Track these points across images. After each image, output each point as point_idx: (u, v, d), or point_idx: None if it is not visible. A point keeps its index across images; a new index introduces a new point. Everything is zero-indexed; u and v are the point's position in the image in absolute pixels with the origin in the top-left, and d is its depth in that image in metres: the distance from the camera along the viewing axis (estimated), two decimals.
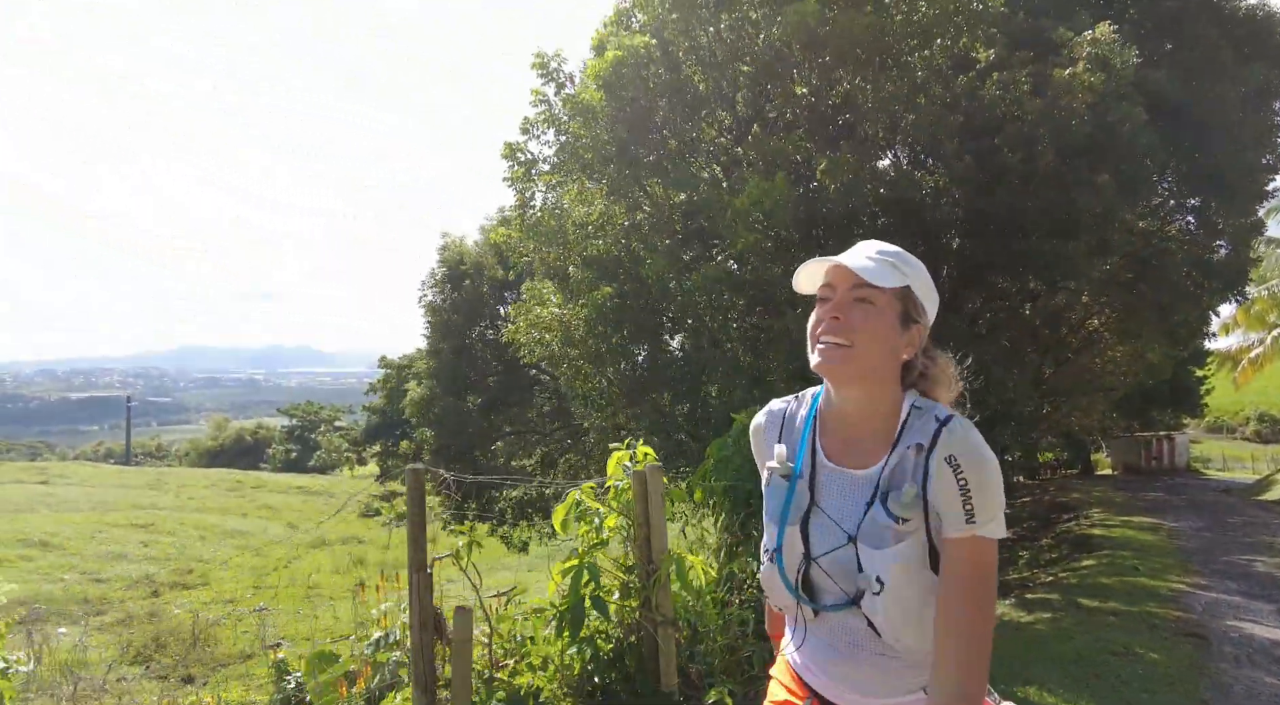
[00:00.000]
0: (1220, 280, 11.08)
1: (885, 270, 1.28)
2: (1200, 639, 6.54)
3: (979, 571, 1.25)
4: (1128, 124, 6.43)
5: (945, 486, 1.26)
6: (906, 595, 1.27)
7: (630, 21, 6.96)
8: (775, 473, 1.41)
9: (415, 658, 2.75)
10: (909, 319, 1.33)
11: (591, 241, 7.61)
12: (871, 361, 1.29)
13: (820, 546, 1.34)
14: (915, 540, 1.27)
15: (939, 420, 1.30)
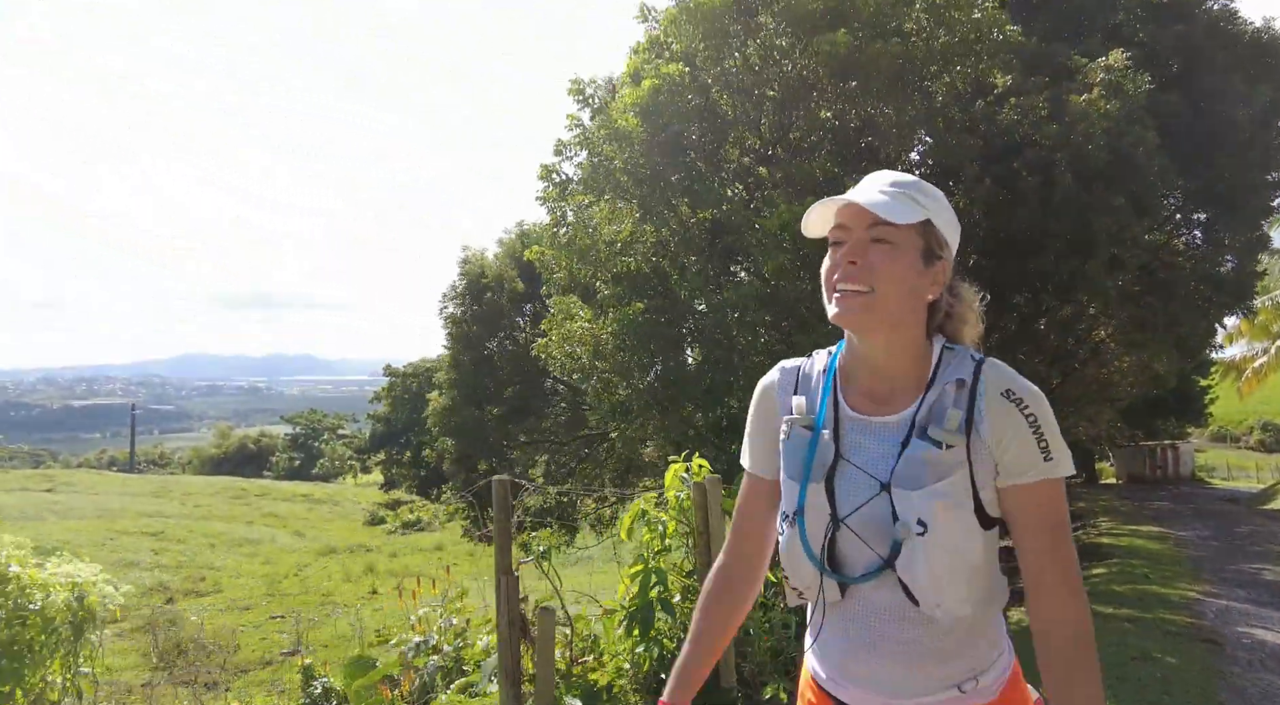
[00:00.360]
0: (1227, 294, 11.34)
1: (902, 204, 1.16)
2: (1214, 644, 6.77)
3: (1064, 513, 1.17)
4: (1141, 148, 6.72)
5: (1012, 425, 1.15)
6: (952, 539, 1.14)
7: (662, 49, 7.26)
8: (795, 424, 1.27)
9: (503, 653, 3.00)
10: (932, 255, 1.21)
11: (620, 258, 7.88)
12: (895, 306, 1.18)
13: (848, 503, 1.21)
14: (959, 477, 1.15)
15: (974, 358, 1.21)
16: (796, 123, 7.13)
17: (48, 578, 3.10)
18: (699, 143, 7.04)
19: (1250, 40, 9.89)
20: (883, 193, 1.18)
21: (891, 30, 6.53)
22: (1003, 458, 1.16)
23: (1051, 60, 8.05)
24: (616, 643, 3.41)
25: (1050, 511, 1.16)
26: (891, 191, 1.19)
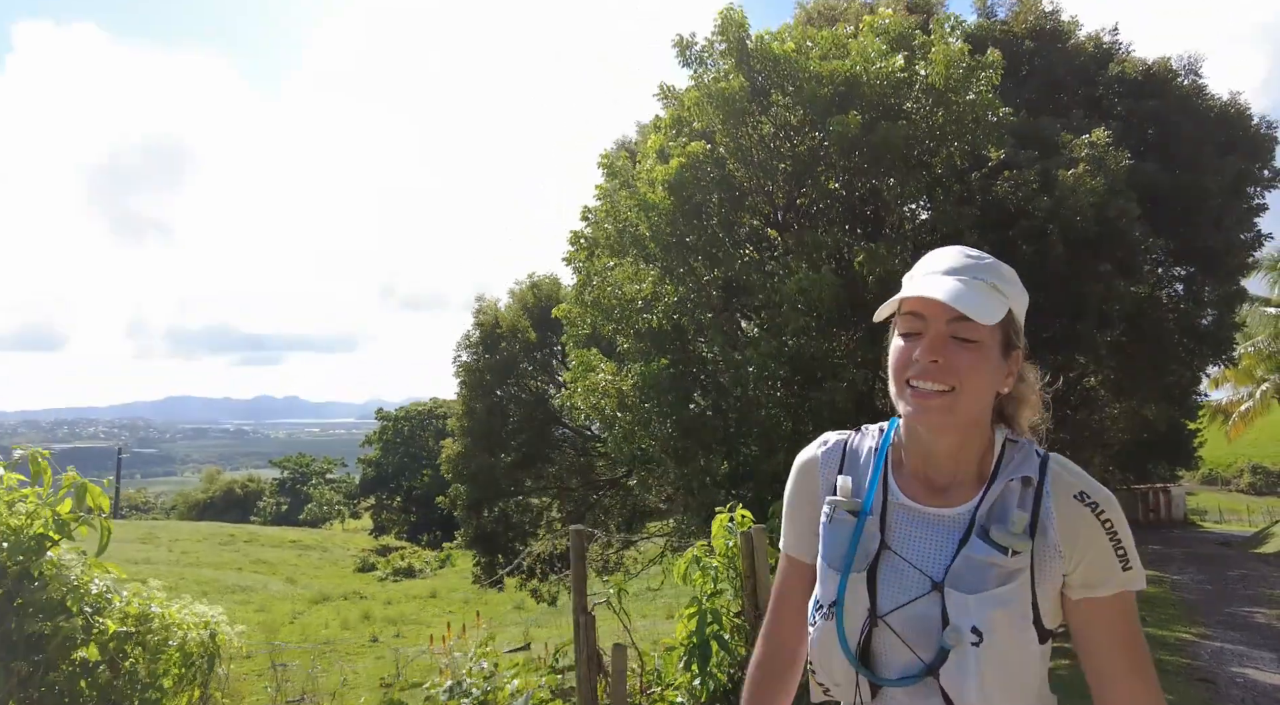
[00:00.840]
0: (1208, 346, 11.97)
1: (986, 299, 1.09)
2: (1210, 683, 7.16)
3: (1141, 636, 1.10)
4: (1124, 219, 7.36)
5: (1087, 532, 1.08)
6: (1009, 652, 1.05)
7: (684, 126, 7.90)
8: (839, 507, 1.20)
9: (581, 686, 3.39)
10: (1010, 346, 1.15)
11: (642, 316, 8.40)
12: (976, 408, 1.11)
13: (891, 599, 1.13)
14: (1020, 583, 1.06)
15: (1039, 454, 1.15)
16: (806, 192, 7.74)
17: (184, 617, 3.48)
18: (717, 209, 7.62)
19: (1218, 114, 10.71)
20: (963, 283, 1.09)
21: (896, 112, 7.19)
22: (1076, 568, 1.08)
23: (1040, 134, 8.76)
24: (677, 676, 3.80)
25: (1127, 625, 1.08)
26: (972, 283, 1.10)
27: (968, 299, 1.07)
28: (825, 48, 7.57)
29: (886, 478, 1.20)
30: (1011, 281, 1.15)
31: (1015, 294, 1.15)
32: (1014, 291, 1.14)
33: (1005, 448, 1.16)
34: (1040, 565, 1.07)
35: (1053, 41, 10.75)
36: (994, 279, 1.12)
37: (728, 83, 7.15)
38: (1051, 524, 1.08)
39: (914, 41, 7.83)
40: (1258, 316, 32.04)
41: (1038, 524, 1.08)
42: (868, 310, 6.97)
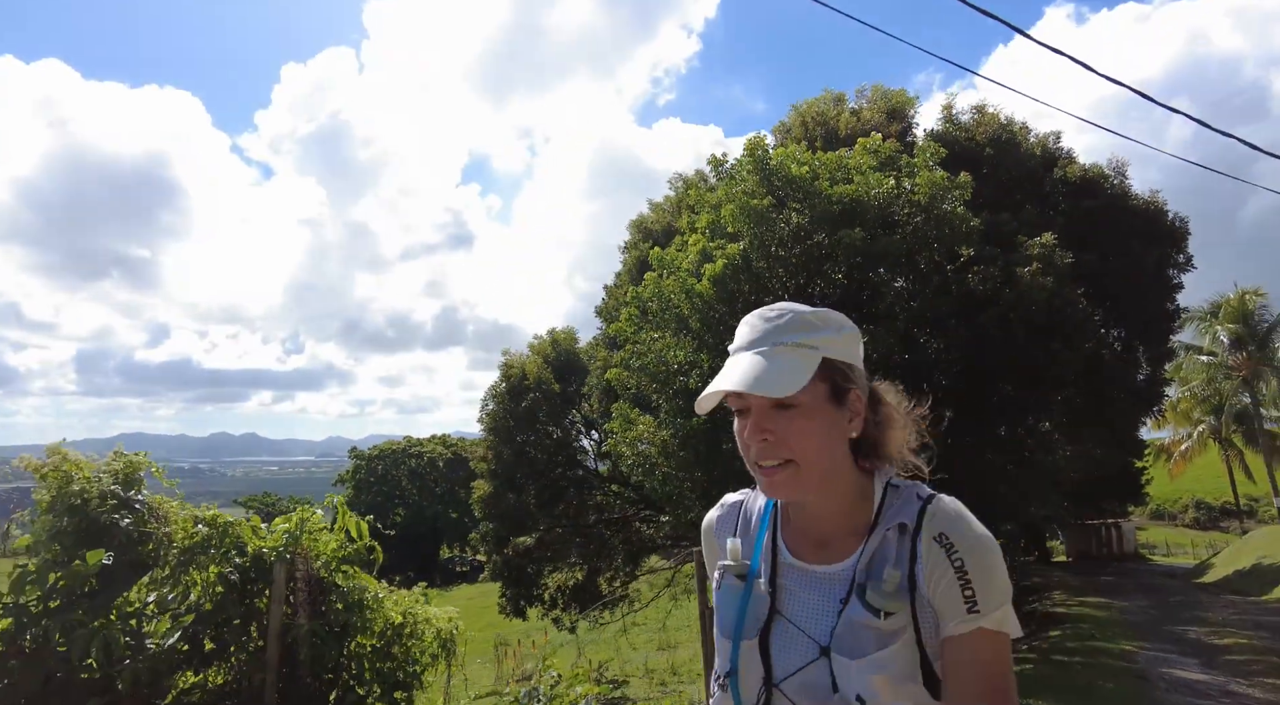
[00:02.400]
0: (1141, 400, 14.09)
1: (789, 364, 1.07)
2: (1143, 679, 8.97)
3: (993, 675, 1.00)
4: (1069, 307, 9.37)
5: (938, 571, 1.03)
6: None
7: (721, 230, 9.78)
8: (728, 572, 1.17)
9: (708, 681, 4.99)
10: (840, 391, 1.12)
11: (678, 378, 10.14)
12: (821, 470, 1.09)
13: (784, 666, 1.08)
14: (902, 645, 1.02)
15: (921, 497, 1.10)
16: (816, 283, 9.62)
17: (434, 614, 4.99)
18: (745, 295, 9.42)
19: (1140, 210, 12.98)
20: (762, 355, 1.09)
21: (890, 223, 9.15)
22: (936, 605, 1.04)
23: (1001, 231, 10.82)
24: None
25: (979, 668, 1.00)
26: (770, 352, 1.09)
27: (763, 377, 1.05)
28: (832, 169, 9.54)
29: (775, 536, 1.16)
30: (822, 327, 1.12)
31: (828, 340, 1.11)
32: (826, 338, 1.11)
33: (887, 494, 1.12)
34: (924, 620, 1.03)
35: (1008, 148, 12.97)
36: (796, 337, 1.09)
37: (759, 201, 9.06)
38: (923, 569, 1.04)
39: (900, 162, 9.85)
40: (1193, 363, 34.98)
41: (914, 576, 1.04)
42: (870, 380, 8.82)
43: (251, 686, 4.61)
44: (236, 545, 4.76)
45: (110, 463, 4.74)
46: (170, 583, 4.68)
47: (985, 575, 1.02)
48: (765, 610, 1.12)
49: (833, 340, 1.12)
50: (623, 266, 15.95)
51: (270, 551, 4.74)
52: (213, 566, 4.68)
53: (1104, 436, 14.54)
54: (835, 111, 13.88)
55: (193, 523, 4.75)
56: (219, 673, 4.66)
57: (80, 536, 4.53)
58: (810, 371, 1.07)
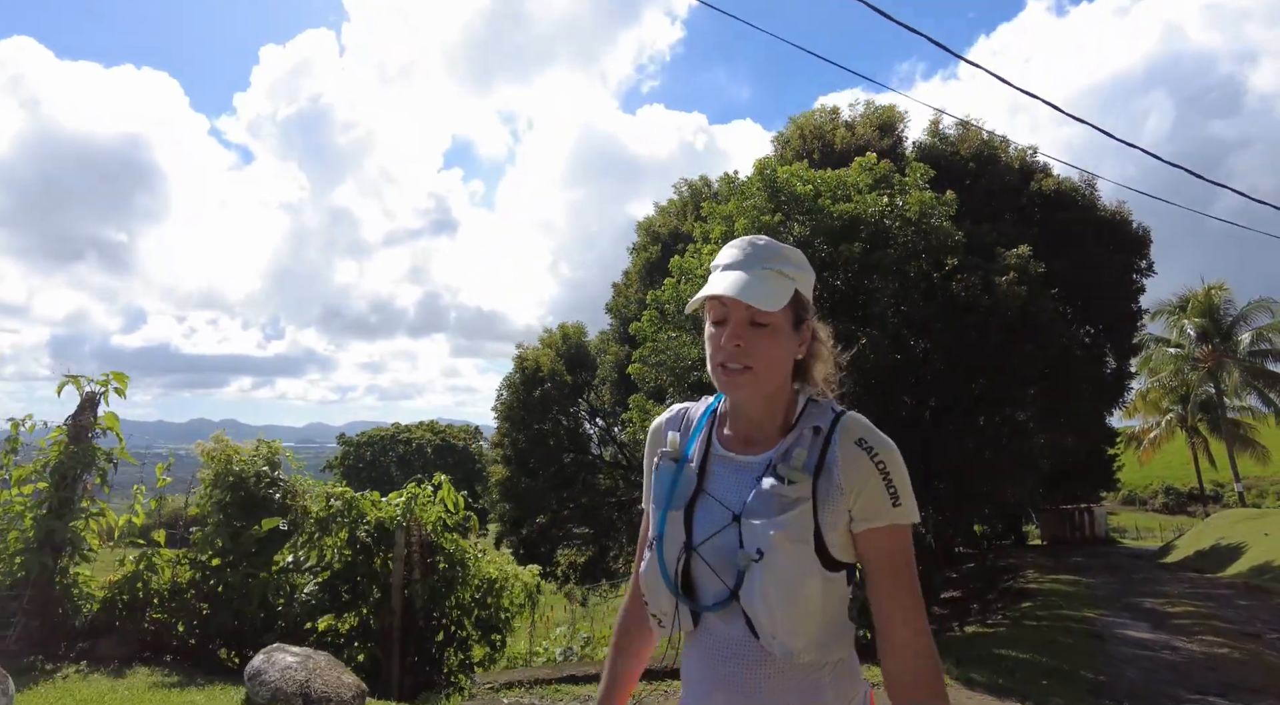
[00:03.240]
0: (1108, 393, 15.41)
1: (775, 287, 1.25)
2: (1098, 637, 10.31)
3: (909, 557, 1.22)
4: (1041, 313, 10.61)
5: (862, 471, 1.20)
6: (786, 569, 1.16)
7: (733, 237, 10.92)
8: (665, 456, 1.36)
9: None
10: (800, 320, 1.31)
11: (693, 373, 11.28)
12: (775, 380, 1.27)
13: (703, 532, 1.25)
14: (800, 512, 1.18)
15: (834, 410, 1.28)
16: (816, 288, 10.81)
17: (519, 572, 6.12)
18: None
19: (1105, 220, 14.25)
20: (755, 275, 1.25)
21: (884, 236, 10.32)
22: (855, 503, 1.20)
23: (982, 241, 12.03)
24: None
25: (899, 556, 1.21)
26: (762, 273, 1.26)
27: (755, 291, 1.22)
28: (832, 187, 10.68)
29: (710, 435, 1.35)
30: (798, 264, 1.30)
31: (801, 275, 1.29)
32: (799, 273, 1.29)
33: (807, 406, 1.31)
34: (824, 499, 1.19)
35: (990, 163, 14.16)
36: (780, 265, 1.27)
37: (769, 218, 10.20)
38: (836, 465, 1.20)
39: (893, 180, 11.01)
40: (1162, 355, 36.55)
41: (823, 465, 1.21)
42: (871, 378, 9.98)
43: (377, 629, 5.73)
44: (361, 516, 5.86)
45: (257, 448, 5.82)
46: (308, 546, 5.77)
47: (902, 476, 1.20)
48: (692, 487, 1.28)
49: (802, 275, 1.29)
50: (632, 267, 17.01)
51: (390, 520, 5.84)
52: (342, 532, 5.77)
53: (1074, 426, 15.83)
54: (831, 126, 15.01)
55: (325, 498, 5.85)
56: (350, 618, 5.77)
57: (240, 507, 5.62)
58: (788, 297, 1.25)
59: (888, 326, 9.94)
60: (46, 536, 5.16)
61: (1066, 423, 15.71)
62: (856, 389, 10.02)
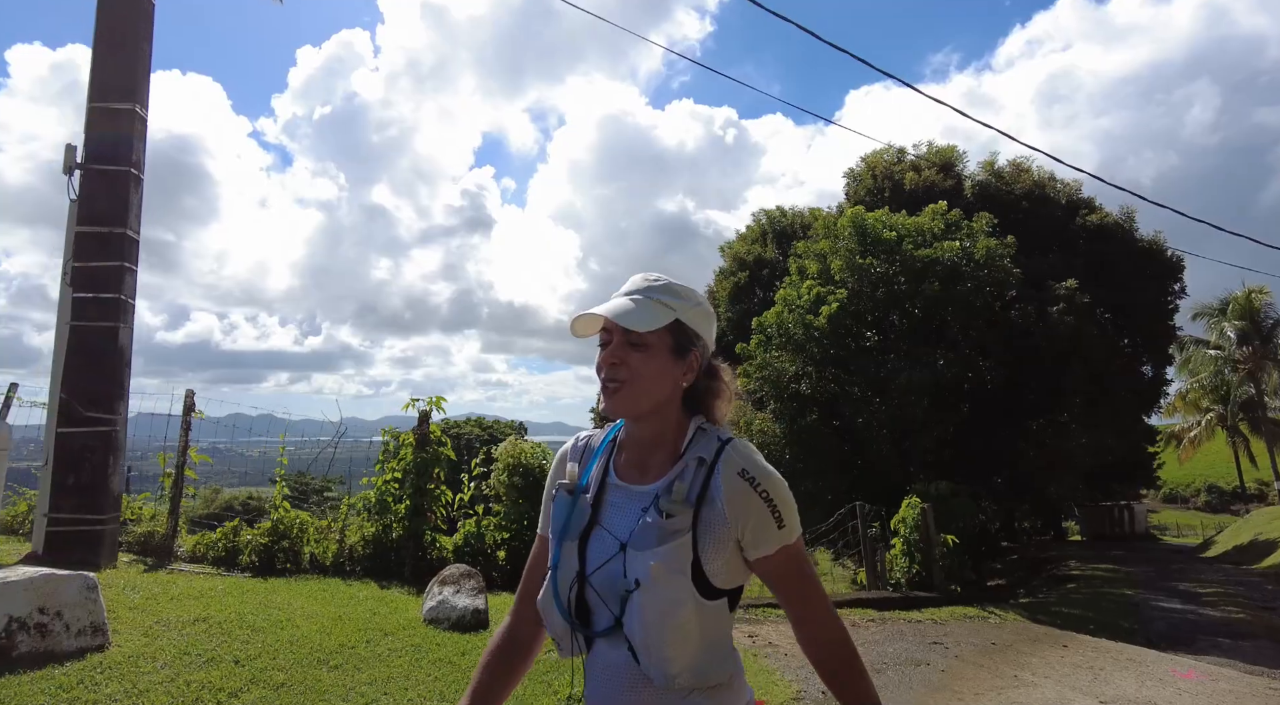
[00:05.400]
0: (1144, 399, 17.45)
1: (648, 312, 1.30)
2: (1134, 606, 12.51)
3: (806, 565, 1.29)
4: (1088, 338, 12.87)
5: (747, 503, 1.24)
6: (662, 598, 1.21)
7: (830, 278, 13.30)
8: (562, 487, 1.41)
9: (926, 553, 8.55)
10: (683, 349, 1.34)
11: (791, 386, 13.70)
12: (650, 398, 1.31)
13: (594, 562, 1.30)
14: (679, 544, 1.23)
15: (721, 440, 1.31)
16: (897, 317, 13.15)
17: None
18: (848, 325, 12.93)
19: (1142, 250, 16.34)
20: (633, 300, 1.32)
21: (957, 274, 12.65)
22: (744, 533, 1.24)
23: (1035, 271, 14.25)
24: (898, 561, 9.02)
25: (795, 569, 1.27)
26: (640, 300, 1.33)
27: (627, 313, 1.29)
28: (913, 233, 13.00)
29: (608, 464, 1.40)
30: (686, 298, 1.36)
31: (687, 308, 1.35)
32: (685, 306, 1.35)
33: (696, 435, 1.34)
34: (705, 529, 1.23)
35: (1040, 202, 16.31)
36: (662, 297, 1.33)
37: (863, 260, 12.59)
38: (719, 496, 1.24)
39: (962, 226, 13.30)
40: (1201, 357, 37.69)
41: (705, 495, 1.25)
42: (947, 390, 12.32)
43: None
44: None
45: (535, 446, 8.36)
46: None
47: (783, 498, 1.25)
48: (586, 519, 1.34)
49: (689, 309, 1.35)
50: (718, 288, 19.40)
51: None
52: None
53: (1113, 426, 17.84)
54: (899, 167, 17.26)
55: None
56: None
57: (525, 490, 8.14)
58: (662, 322, 1.30)
59: (959, 350, 12.22)
60: (415, 510, 7.73)
61: (1106, 424, 17.73)
62: (931, 404, 12.33)
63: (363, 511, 8.13)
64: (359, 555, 7.80)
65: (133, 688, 3.94)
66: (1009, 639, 7.39)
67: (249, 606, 5.62)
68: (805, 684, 5.31)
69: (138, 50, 6.81)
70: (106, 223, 6.53)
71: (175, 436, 8.54)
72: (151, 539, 7.61)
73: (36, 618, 4.34)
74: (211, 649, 4.59)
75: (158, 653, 4.44)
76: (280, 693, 4.10)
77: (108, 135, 6.63)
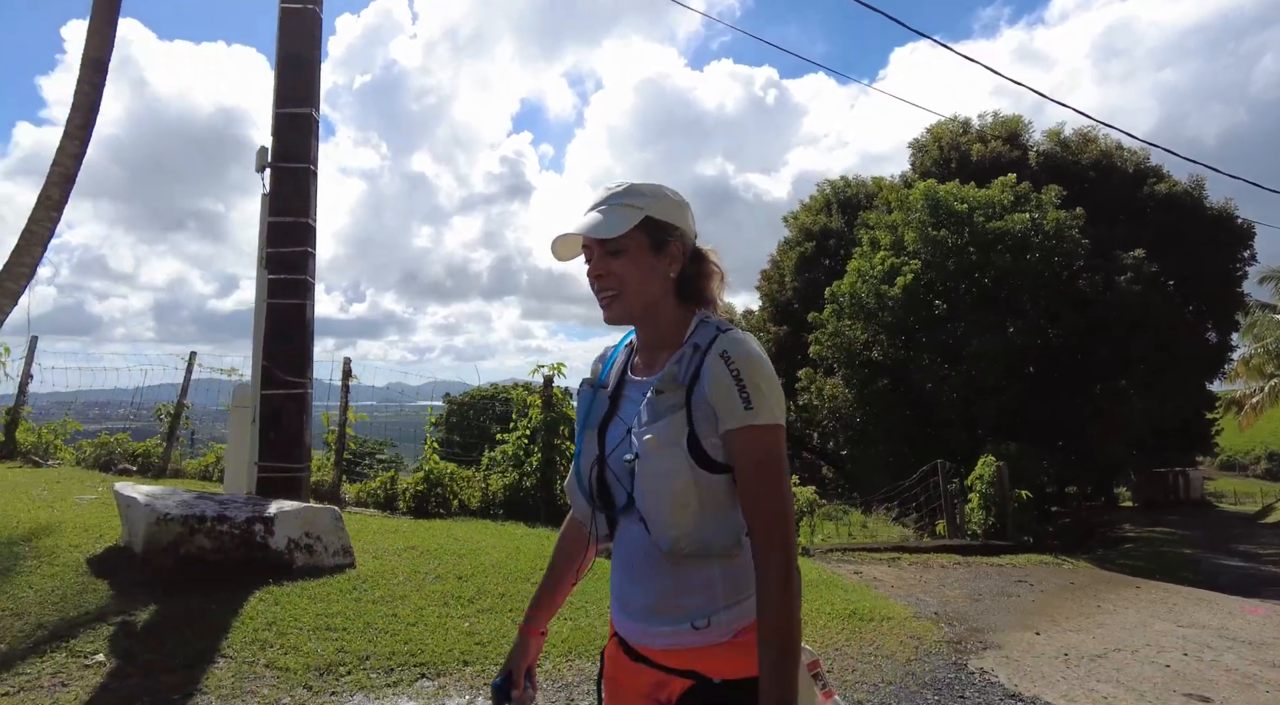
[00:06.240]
0: (1206, 366, 17.68)
1: (615, 218, 1.33)
2: (1194, 561, 13.09)
3: (770, 459, 1.26)
4: (1152, 308, 13.29)
5: (720, 379, 1.27)
6: (657, 467, 1.27)
7: (903, 249, 13.89)
8: (584, 383, 1.51)
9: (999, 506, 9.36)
10: (660, 243, 1.37)
11: (862, 353, 14.42)
12: (641, 298, 1.36)
13: (610, 447, 1.39)
14: (675, 418, 1.28)
15: (720, 328, 1.34)
16: (966, 286, 13.70)
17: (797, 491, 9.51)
18: (921, 293, 13.55)
19: (1211, 218, 16.48)
20: (599, 212, 1.35)
21: (1026, 244, 13.13)
22: (716, 409, 1.27)
23: (1101, 242, 14.62)
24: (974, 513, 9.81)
25: (755, 454, 1.25)
26: (605, 209, 1.35)
27: (597, 225, 1.33)
28: (984, 205, 13.49)
29: (625, 364, 1.48)
30: (650, 194, 1.37)
31: (653, 203, 1.36)
32: (650, 201, 1.36)
33: (698, 327, 1.37)
34: (697, 408, 1.28)
35: (1107, 172, 16.51)
36: (626, 200, 1.36)
37: (936, 232, 13.14)
38: (706, 376, 1.28)
39: (1030, 198, 13.73)
40: (1267, 322, 36.89)
41: (698, 377, 1.29)
42: (1018, 358, 12.92)
43: None
44: None
45: None
46: None
47: (758, 381, 1.25)
48: (604, 409, 1.44)
49: (656, 204, 1.36)
50: (782, 258, 20.03)
51: None
52: None
53: (1176, 394, 18.12)
54: (965, 138, 17.57)
55: None
56: None
57: None
58: (631, 223, 1.33)
59: (1028, 318, 12.77)
60: (547, 461, 8.76)
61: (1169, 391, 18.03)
62: (1000, 371, 12.95)
63: (501, 462, 9.21)
64: (499, 500, 8.89)
65: (391, 594, 4.99)
66: (1084, 581, 8.17)
67: (440, 539, 6.70)
68: (919, 606, 6.21)
69: (311, 63, 7.73)
70: (292, 214, 7.52)
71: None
72: (321, 486, 8.79)
73: (305, 540, 5.43)
74: (432, 569, 5.65)
75: (393, 571, 5.50)
76: (504, 600, 5.11)
77: (290, 137, 7.58)
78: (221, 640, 4.02)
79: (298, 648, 3.98)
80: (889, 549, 8.95)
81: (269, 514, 5.34)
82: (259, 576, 5.01)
